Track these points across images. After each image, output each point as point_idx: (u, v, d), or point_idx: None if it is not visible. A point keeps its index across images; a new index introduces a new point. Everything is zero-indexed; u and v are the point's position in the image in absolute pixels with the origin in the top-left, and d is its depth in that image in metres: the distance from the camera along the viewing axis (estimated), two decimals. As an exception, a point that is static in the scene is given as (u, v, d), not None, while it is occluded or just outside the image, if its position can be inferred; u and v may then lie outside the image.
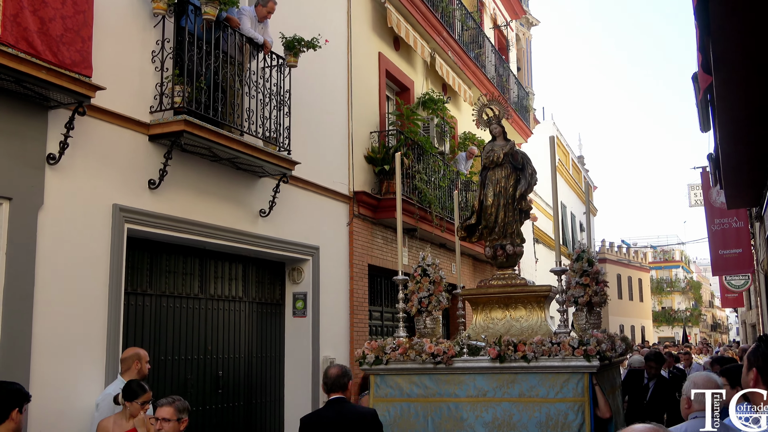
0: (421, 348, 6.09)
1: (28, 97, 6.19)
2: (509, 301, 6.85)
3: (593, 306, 6.58)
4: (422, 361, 6.05)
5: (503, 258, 7.07)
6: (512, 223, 7.05)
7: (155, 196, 7.58)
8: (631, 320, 48.08)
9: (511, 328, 6.68)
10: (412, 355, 6.12)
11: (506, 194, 7.06)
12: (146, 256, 8.00)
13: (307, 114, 10.38)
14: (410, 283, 6.84)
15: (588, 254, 6.68)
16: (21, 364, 6.01)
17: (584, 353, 5.63)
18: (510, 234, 7.03)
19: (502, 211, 7.04)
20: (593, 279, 6.55)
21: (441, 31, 14.84)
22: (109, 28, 7.08)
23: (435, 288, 6.70)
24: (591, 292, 6.52)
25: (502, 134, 7.29)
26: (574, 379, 5.69)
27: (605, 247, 47.19)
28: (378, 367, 6.25)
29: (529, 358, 5.76)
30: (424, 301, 6.70)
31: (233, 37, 8.38)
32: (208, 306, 8.93)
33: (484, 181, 7.22)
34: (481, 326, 6.86)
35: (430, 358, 6.01)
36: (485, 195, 7.14)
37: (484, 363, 5.94)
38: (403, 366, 6.18)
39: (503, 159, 7.10)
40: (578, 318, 6.68)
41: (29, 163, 6.26)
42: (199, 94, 7.76)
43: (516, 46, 25.04)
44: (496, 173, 7.13)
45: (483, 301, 6.98)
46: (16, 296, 6.03)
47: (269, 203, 9.32)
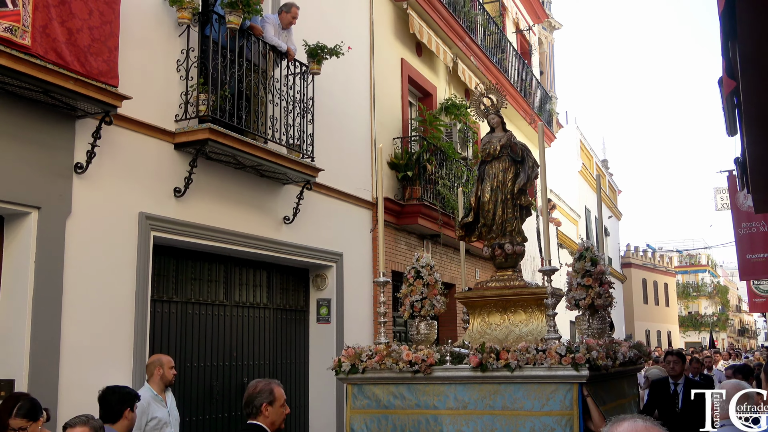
0: (399, 356, 5.55)
1: (56, 107, 6.28)
2: (507, 304, 6.40)
3: (597, 309, 6.01)
4: (399, 369, 5.52)
5: (502, 258, 6.59)
6: (511, 220, 6.57)
7: (181, 203, 7.65)
8: (657, 325, 47.60)
9: (510, 334, 6.24)
10: (389, 363, 5.57)
11: (504, 189, 6.58)
12: (172, 263, 8.06)
13: (331, 121, 10.42)
14: (403, 285, 6.36)
15: (591, 253, 6.08)
16: (50, 371, 6.09)
17: (572, 362, 5.01)
18: (509, 232, 6.55)
19: (500, 208, 6.57)
20: (596, 280, 5.98)
21: (463, 36, 14.82)
22: (134, 38, 7.16)
23: (429, 291, 6.15)
24: (594, 294, 5.94)
25: (500, 125, 6.83)
26: (562, 390, 5.10)
27: (630, 252, 46.78)
28: (354, 376, 5.75)
29: (512, 366, 5.16)
30: (417, 305, 6.17)
31: (257, 45, 8.43)
32: (233, 313, 8.98)
33: (482, 176, 6.75)
34: (479, 332, 6.44)
35: (408, 366, 5.49)
36: (482, 190, 6.67)
37: (465, 372, 5.37)
38: (380, 375, 5.67)
39: (500, 151, 6.64)
40: (580, 323, 6.12)
41: (57, 172, 6.34)
42: (224, 103, 7.82)
43: (539, 50, 24.96)
44: (493, 167, 6.67)
45: (480, 304, 6.55)
46: (45, 303, 6.11)
47: (293, 210, 9.36)
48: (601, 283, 5.98)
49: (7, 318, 6.05)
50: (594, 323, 5.99)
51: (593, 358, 5.00)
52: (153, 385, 6.37)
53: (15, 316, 6.02)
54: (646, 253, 50.55)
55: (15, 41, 5.52)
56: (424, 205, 12.14)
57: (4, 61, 5.46)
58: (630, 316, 41.15)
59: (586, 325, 6.00)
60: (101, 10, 6.31)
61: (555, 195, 23.45)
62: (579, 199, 28.31)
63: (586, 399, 5.09)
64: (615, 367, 5.39)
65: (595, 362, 5.00)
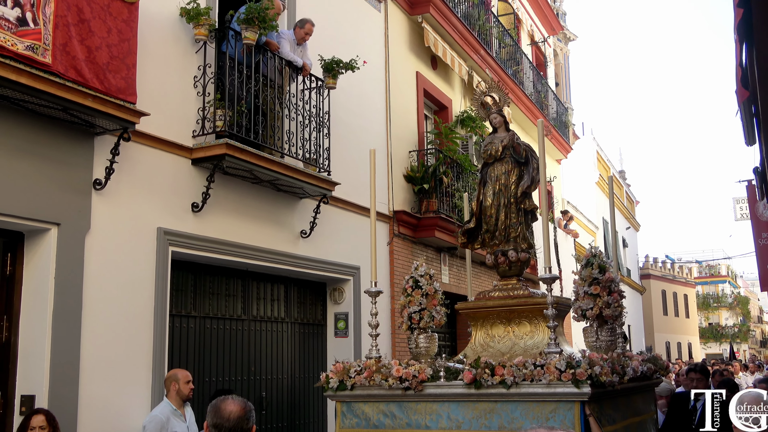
0: (389, 371, 5.20)
1: (75, 124, 6.35)
2: (511, 315, 6.03)
3: (606, 320, 5.59)
4: (389, 386, 5.16)
5: (505, 266, 6.24)
6: (515, 225, 6.23)
7: (198, 218, 7.69)
8: (678, 337, 47.16)
9: (515, 347, 5.88)
10: (378, 380, 5.21)
11: (507, 192, 6.25)
12: (190, 278, 8.10)
13: (346, 134, 10.45)
14: (402, 296, 5.95)
15: (599, 259, 5.66)
16: (70, 386, 6.13)
17: (573, 378, 4.65)
18: (513, 238, 6.22)
19: (503, 212, 6.23)
20: (605, 288, 5.54)
21: (478, 49, 14.85)
22: (152, 55, 7.23)
23: (428, 302, 5.68)
24: (602, 304, 5.51)
25: (503, 125, 6.51)
26: (563, 409, 4.74)
27: (649, 263, 46.46)
28: (342, 393, 5.41)
29: (508, 383, 4.80)
30: (415, 316, 5.69)
31: (273, 60, 8.49)
32: (251, 327, 9.00)
33: (484, 179, 6.43)
34: (481, 345, 6.10)
35: (398, 382, 5.12)
36: (484, 194, 6.35)
37: (459, 389, 5.00)
38: (369, 392, 5.31)
39: (503, 152, 6.30)
40: (588, 334, 5.68)
41: (76, 188, 6.41)
42: (240, 118, 7.87)
43: (554, 61, 24.94)
44: (495, 169, 6.34)
45: (482, 315, 6.19)
46: (65, 319, 6.15)
47: (310, 224, 9.38)
48: (610, 291, 5.56)
49: (28, 333, 6.11)
50: (603, 335, 5.57)
51: (596, 373, 4.65)
52: (171, 400, 6.41)
53: (35, 332, 6.08)
54: (665, 264, 50.17)
55: (36, 59, 5.60)
56: (441, 218, 12.13)
57: (25, 80, 5.54)
58: (650, 328, 40.80)
59: (594, 337, 5.61)
60: (119, 28, 6.38)
61: (572, 206, 23.36)
62: (597, 210, 28.17)
63: (588, 419, 4.73)
64: (623, 383, 5.05)
65: (598, 378, 4.65)
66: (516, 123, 18.26)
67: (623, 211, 34.54)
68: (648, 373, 5.74)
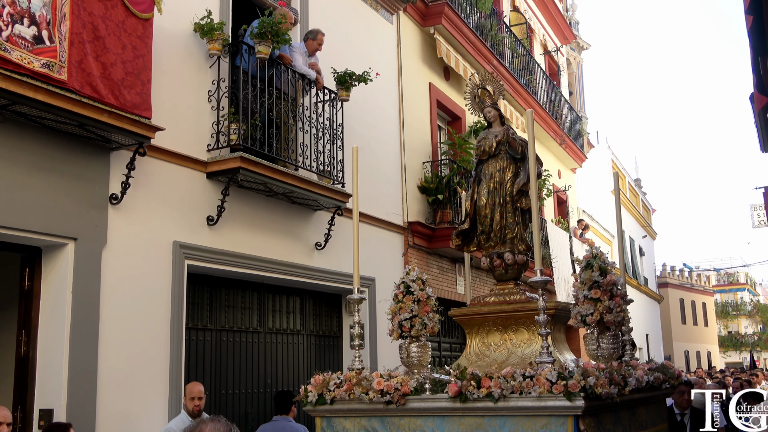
0: (370, 384, 4.88)
1: (91, 140, 6.42)
2: (508, 322, 5.68)
3: (608, 327, 5.14)
4: (369, 400, 4.83)
5: (502, 269, 5.89)
6: (512, 225, 5.90)
7: (214, 232, 7.73)
8: (696, 346, 46.76)
9: (511, 356, 5.53)
10: (357, 393, 4.90)
11: (502, 191, 5.91)
12: (206, 291, 8.14)
13: (360, 146, 10.43)
14: (392, 303, 5.44)
15: (600, 261, 5.20)
16: (87, 399, 6.17)
17: (565, 390, 4.27)
18: (510, 239, 5.89)
19: (498, 212, 5.90)
20: (606, 292, 5.09)
21: (491, 59, 14.87)
22: (166, 71, 7.30)
23: (420, 308, 5.19)
24: (603, 309, 5.05)
25: (498, 119, 6.14)
26: (555, 423, 4.38)
27: (666, 271, 46.14)
28: (322, 407, 5.09)
29: (495, 396, 4.44)
30: (406, 324, 5.18)
31: (286, 74, 8.54)
32: (266, 339, 9.02)
33: (478, 177, 6.09)
34: (476, 354, 5.76)
35: (379, 396, 4.80)
36: (478, 193, 6.02)
37: (443, 403, 4.65)
38: (350, 406, 4.99)
39: (497, 148, 5.95)
40: (588, 342, 5.23)
41: (93, 203, 6.46)
42: (254, 131, 7.92)
43: (567, 70, 24.92)
44: (490, 166, 5.99)
45: (477, 322, 5.84)
46: (82, 333, 6.20)
47: (325, 236, 9.41)
48: (611, 295, 5.11)
49: (46, 348, 6.16)
50: (604, 343, 5.13)
51: (590, 385, 4.27)
52: (187, 413, 6.44)
53: (53, 346, 6.12)
54: (683, 272, 49.82)
55: (52, 77, 5.66)
56: (455, 229, 12.10)
57: (42, 97, 5.61)
58: (668, 337, 40.49)
59: (595, 345, 5.14)
60: (134, 44, 6.45)
61: (588, 215, 23.27)
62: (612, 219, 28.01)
63: None
64: (624, 394, 4.68)
65: (593, 390, 4.28)
66: (530, 132, 18.24)
67: (639, 219, 34.35)
68: (656, 383, 5.38)
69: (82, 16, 5.98)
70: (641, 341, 31.10)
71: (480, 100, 6.19)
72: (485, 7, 14.90)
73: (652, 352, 32.97)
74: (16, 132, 5.89)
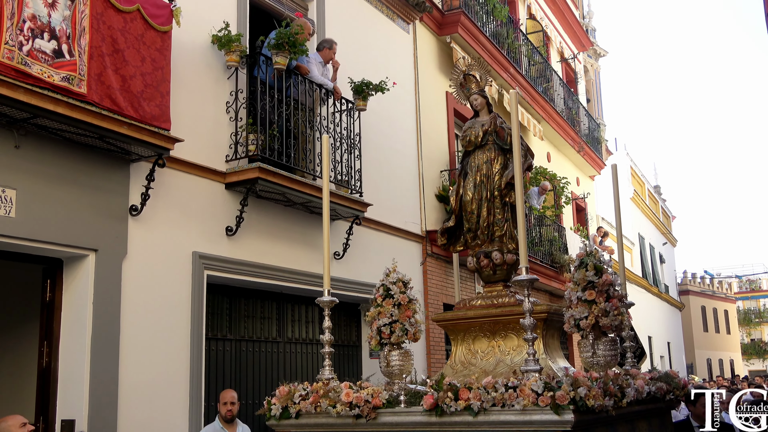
0: (338, 396, 4.45)
1: (111, 152, 6.47)
2: (496, 327, 5.22)
3: (604, 332, 4.68)
4: (337, 414, 4.38)
5: (489, 270, 5.45)
6: (500, 222, 5.42)
7: (233, 242, 7.76)
8: (719, 353, 46.27)
9: (500, 364, 5.09)
10: (324, 406, 4.48)
11: (489, 184, 5.45)
12: (225, 301, 8.16)
13: (378, 156, 10.50)
14: (371, 307, 4.95)
15: (594, 259, 4.72)
16: (109, 410, 6.20)
17: (552, 402, 3.83)
18: (499, 237, 5.42)
19: (485, 208, 5.44)
20: (602, 293, 4.62)
21: (508, 67, 14.85)
22: (185, 82, 7.35)
23: (401, 313, 4.70)
24: (598, 312, 4.60)
25: (485, 107, 5.73)
26: None
27: (687, 279, 45.75)
28: (286, 422, 4.67)
29: (474, 409, 3.97)
30: (386, 330, 4.71)
31: (303, 84, 8.58)
32: (286, 349, 9.03)
33: (464, 170, 5.63)
34: (462, 362, 5.35)
35: (347, 409, 4.36)
36: (464, 188, 5.56)
37: (418, 417, 4.20)
38: (317, 421, 4.55)
39: (484, 138, 5.53)
40: (583, 349, 4.75)
41: (113, 215, 6.52)
42: (272, 142, 7.95)
43: (584, 77, 24.85)
44: (477, 157, 5.56)
45: (462, 328, 5.39)
46: (104, 344, 6.24)
47: (343, 245, 9.42)
48: (608, 297, 4.65)
49: (67, 359, 6.20)
50: (600, 349, 4.66)
51: (581, 396, 3.82)
52: (220, 419, 6.58)
53: (75, 357, 6.17)
54: (704, 279, 49.37)
55: (72, 90, 5.73)
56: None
57: (62, 110, 5.67)
58: (690, 345, 40.10)
59: (590, 351, 4.68)
60: (153, 56, 6.51)
61: (607, 223, 23.13)
62: (632, 226, 27.86)
63: None
64: (621, 406, 4.23)
65: (584, 402, 3.83)
66: (548, 140, 18.21)
67: (659, 226, 34.11)
68: (658, 394, 4.93)
69: (102, 29, 6.04)
70: (663, 349, 30.83)
71: (466, 87, 5.81)
72: (501, 15, 14.90)
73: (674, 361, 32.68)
74: (37, 145, 5.96)
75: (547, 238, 15.62)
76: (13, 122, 5.70)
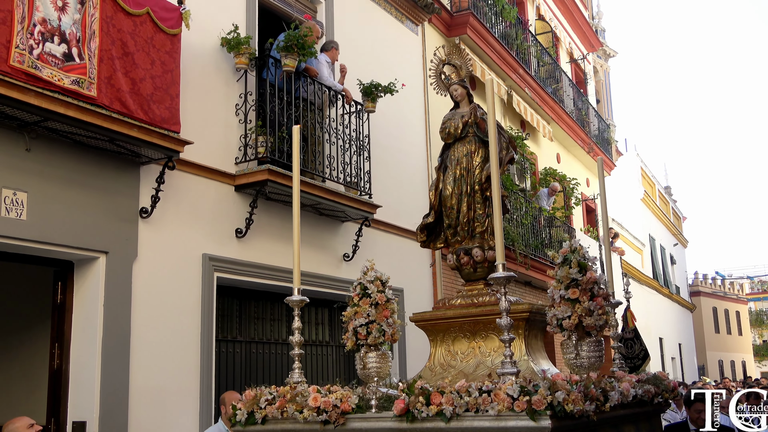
0: (305, 400, 4.24)
1: (121, 154, 6.50)
2: (476, 327, 5.00)
3: (588, 332, 4.45)
4: (304, 419, 4.18)
5: (469, 267, 5.21)
6: (481, 218, 5.20)
7: (242, 244, 7.78)
8: (730, 355, 46.03)
9: (480, 366, 4.88)
10: (291, 411, 4.26)
11: (470, 178, 5.23)
12: (235, 303, 8.18)
13: (387, 157, 10.50)
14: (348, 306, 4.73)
15: (579, 255, 4.48)
16: (120, 411, 6.22)
17: (528, 407, 3.60)
18: (480, 234, 5.20)
19: (465, 203, 5.22)
20: (586, 291, 4.41)
21: (517, 68, 14.83)
22: (194, 85, 7.37)
23: (378, 313, 4.48)
24: (581, 311, 4.38)
25: (466, 98, 5.51)
26: None
27: (698, 280, 45.54)
28: (252, 428, 4.48)
29: (447, 414, 3.76)
30: (362, 331, 4.51)
31: (312, 86, 8.59)
32: (296, 351, 9.02)
33: (444, 164, 5.42)
34: (441, 364, 5.13)
35: (315, 414, 4.16)
36: (443, 182, 5.36)
37: (388, 423, 4.00)
38: (284, 427, 4.35)
39: (464, 130, 5.33)
40: (566, 349, 4.54)
41: (123, 217, 6.54)
42: (282, 144, 7.97)
43: (594, 78, 24.78)
44: (456, 150, 5.36)
45: (442, 328, 5.17)
46: (114, 345, 6.26)
47: (352, 247, 9.42)
48: (592, 295, 4.42)
49: (78, 361, 6.22)
50: (584, 351, 4.45)
51: (559, 401, 3.60)
52: (224, 421, 6.53)
53: (86, 359, 6.19)
54: (716, 280, 49.15)
55: (82, 93, 5.75)
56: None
57: (73, 113, 5.69)
58: (701, 347, 39.91)
59: (574, 353, 4.47)
60: (163, 59, 6.53)
61: (617, 224, 23.06)
62: (643, 227, 27.77)
63: None
64: (604, 411, 3.99)
65: (563, 407, 3.61)
66: (557, 141, 18.17)
67: (670, 227, 33.98)
68: (646, 398, 4.71)
69: (112, 33, 6.07)
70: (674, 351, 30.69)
71: (446, 77, 5.56)
72: (510, 16, 14.89)
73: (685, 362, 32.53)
74: (47, 148, 5.99)
75: (557, 239, 15.60)
76: (24, 125, 5.74)
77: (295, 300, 4.84)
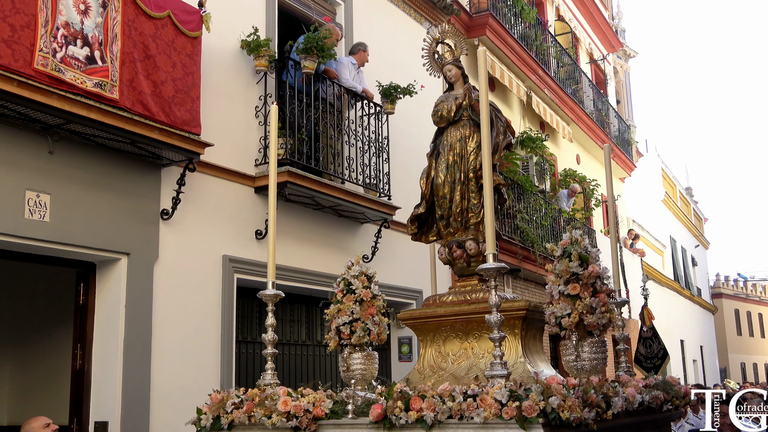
0: (274, 404, 3.93)
1: (142, 156, 6.55)
2: (469, 327, 4.62)
3: (589, 332, 4.08)
4: (272, 425, 3.85)
5: (462, 261, 4.85)
6: (476, 208, 4.81)
7: (262, 246, 7.81)
8: (754, 358, 45.54)
9: (473, 368, 4.50)
10: (258, 415, 3.94)
11: (464, 165, 4.87)
12: (255, 304, 8.20)
13: (406, 159, 10.48)
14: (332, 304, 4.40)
15: (579, 247, 4.11)
16: (141, 412, 6.26)
17: (518, 414, 3.26)
18: (474, 225, 4.83)
19: (458, 192, 4.85)
20: (587, 287, 4.03)
21: (536, 69, 14.78)
22: (215, 87, 7.41)
23: (363, 310, 4.14)
24: (583, 309, 3.99)
25: (461, 79, 5.18)
26: None
27: (720, 281, 45.11)
28: None
29: (428, 421, 3.41)
30: (345, 330, 4.17)
31: (332, 88, 8.61)
32: (315, 352, 9.05)
33: (437, 149, 5.08)
34: (431, 366, 4.78)
35: (284, 419, 3.84)
36: (436, 169, 5.00)
37: (363, 430, 3.70)
38: None
39: (458, 113, 4.98)
40: (565, 350, 4.17)
41: (145, 219, 6.59)
42: (301, 145, 7.99)
43: (614, 79, 24.63)
44: (450, 135, 5.00)
45: (432, 327, 4.81)
46: (136, 346, 6.30)
47: (371, 248, 9.42)
48: (595, 291, 4.05)
49: (101, 361, 6.28)
50: (585, 352, 4.08)
51: (553, 407, 3.25)
52: None
53: (108, 360, 6.24)
54: (738, 282, 48.63)
55: (104, 95, 5.80)
56: (503, 240, 12.04)
57: (95, 115, 5.74)
58: (723, 349, 39.54)
59: (574, 354, 4.10)
60: (184, 62, 6.57)
61: (638, 225, 22.91)
62: (664, 229, 27.56)
63: None
64: (605, 419, 3.61)
65: (557, 414, 3.25)
66: (577, 142, 18.08)
67: (691, 228, 33.71)
68: (654, 405, 4.34)
69: (133, 36, 6.12)
70: (696, 353, 30.43)
71: (440, 57, 5.25)
72: (530, 17, 14.84)
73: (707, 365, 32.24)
74: (70, 150, 6.04)
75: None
76: (47, 128, 5.80)
77: (269, 294, 4.53)
